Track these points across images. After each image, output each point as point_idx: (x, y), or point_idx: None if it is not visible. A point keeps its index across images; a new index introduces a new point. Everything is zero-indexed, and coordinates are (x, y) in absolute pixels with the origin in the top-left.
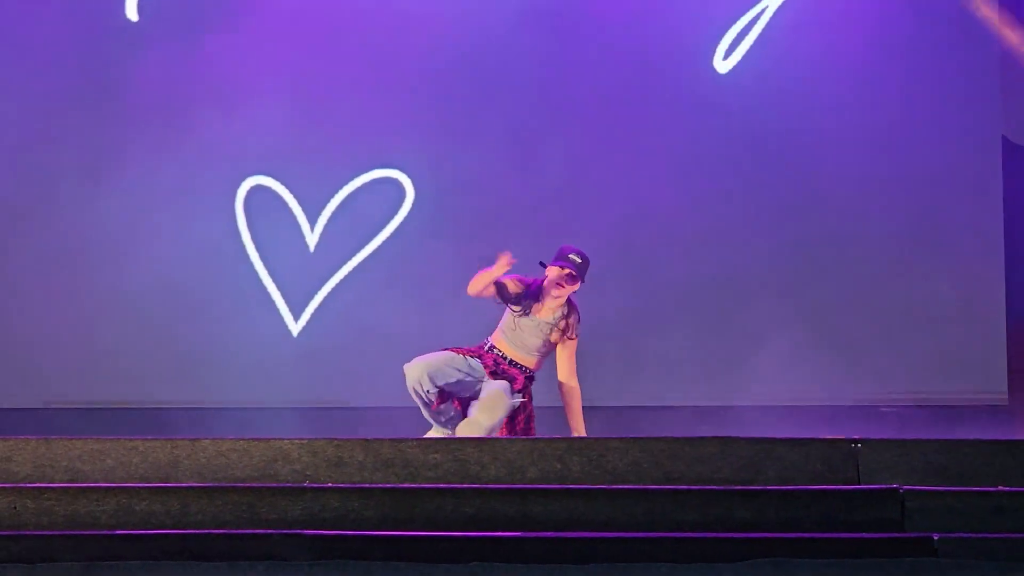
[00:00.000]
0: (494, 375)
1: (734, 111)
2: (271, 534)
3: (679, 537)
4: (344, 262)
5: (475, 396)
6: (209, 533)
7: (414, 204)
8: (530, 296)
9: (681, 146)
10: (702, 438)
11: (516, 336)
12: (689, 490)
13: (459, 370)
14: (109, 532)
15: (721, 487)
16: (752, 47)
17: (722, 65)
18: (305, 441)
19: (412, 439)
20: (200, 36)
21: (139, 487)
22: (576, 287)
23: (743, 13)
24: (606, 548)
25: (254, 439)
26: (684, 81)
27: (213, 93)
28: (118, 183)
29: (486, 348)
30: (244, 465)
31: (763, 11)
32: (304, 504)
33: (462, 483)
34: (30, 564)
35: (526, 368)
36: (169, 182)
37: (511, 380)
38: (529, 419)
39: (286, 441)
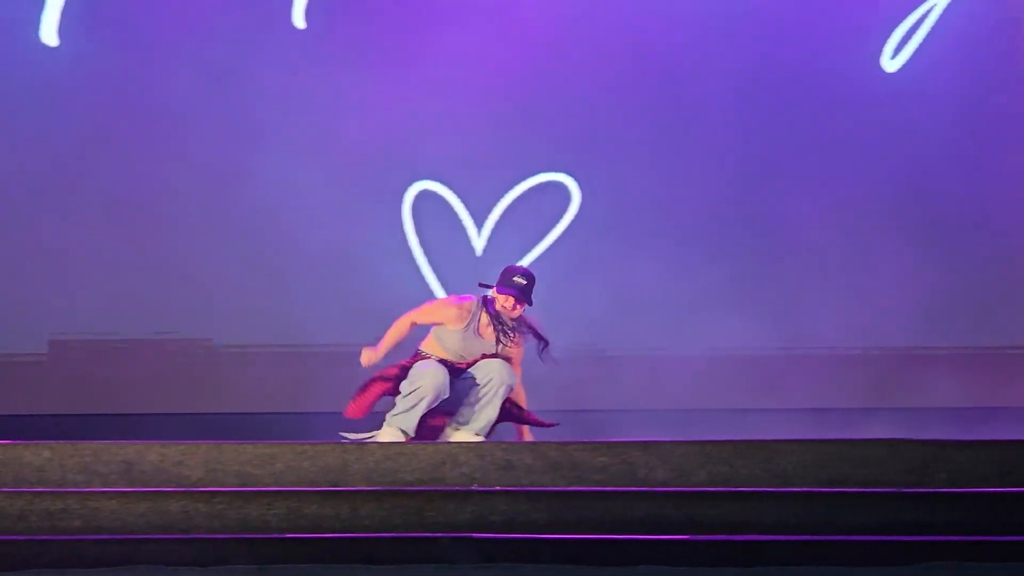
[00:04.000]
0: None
1: (903, 109)
2: (439, 537)
3: (848, 540)
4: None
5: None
6: (378, 537)
7: (580, 207)
8: (476, 316)
9: (850, 144)
10: (869, 440)
11: (454, 346)
12: (858, 492)
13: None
14: (279, 536)
15: (890, 489)
16: (920, 46)
17: (890, 64)
18: (473, 444)
19: (579, 442)
20: (364, 41)
21: (309, 491)
22: (522, 309)
23: (910, 11)
24: (774, 551)
25: (422, 442)
26: (852, 80)
27: (379, 98)
28: (283, 187)
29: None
30: (412, 468)
31: (931, 9)
32: (472, 507)
33: (629, 486)
34: (202, 567)
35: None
36: (337, 187)
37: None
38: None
39: (454, 445)
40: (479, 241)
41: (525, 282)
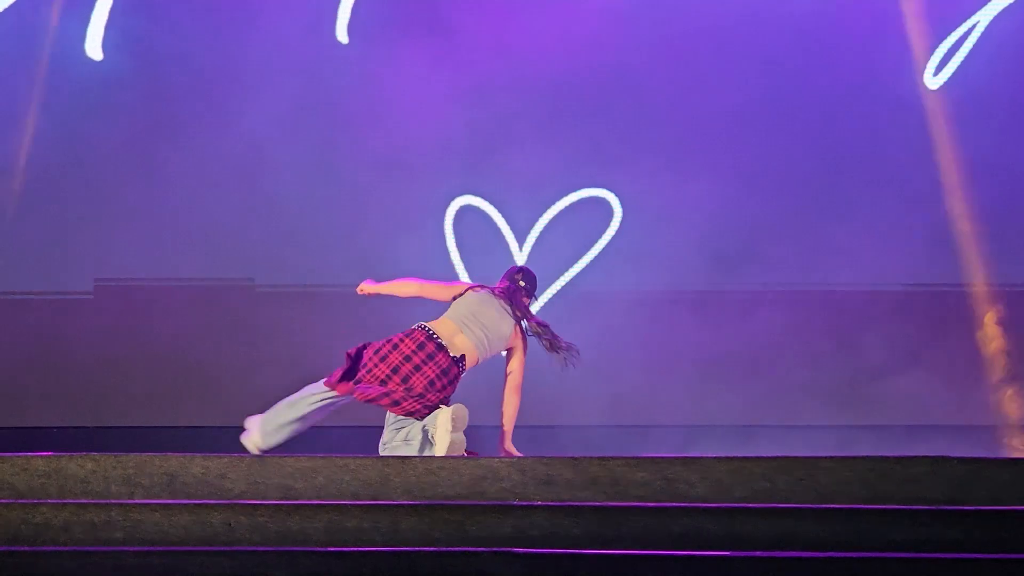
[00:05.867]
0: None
1: (945, 126)
2: (480, 552)
3: (889, 557)
4: (552, 281)
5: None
6: (419, 551)
7: (622, 223)
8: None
9: (892, 161)
10: (912, 457)
11: (467, 322)
12: (898, 510)
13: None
14: (321, 549)
15: (931, 507)
16: (963, 62)
17: (932, 81)
18: (514, 459)
19: (620, 457)
20: (407, 58)
21: (350, 504)
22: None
23: (954, 28)
24: (814, 568)
25: (463, 457)
26: (895, 96)
27: (422, 114)
28: (327, 205)
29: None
30: (453, 483)
31: (975, 26)
32: (513, 522)
33: (670, 501)
34: None
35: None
36: (379, 201)
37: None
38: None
39: (495, 459)
40: (521, 256)
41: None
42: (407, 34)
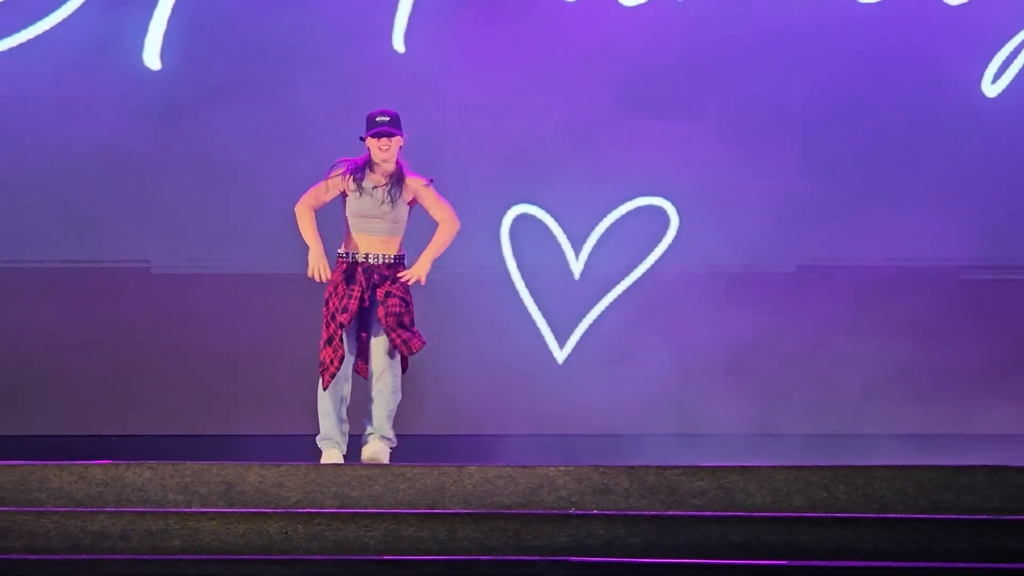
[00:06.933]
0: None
1: (1003, 134)
2: (537, 560)
3: (948, 568)
4: (609, 290)
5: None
6: (476, 559)
7: (679, 232)
8: (358, 171)
9: (950, 170)
10: (970, 467)
11: (365, 224)
12: (958, 519)
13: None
14: (377, 558)
15: (991, 516)
16: (1021, 71)
17: (990, 89)
18: (570, 468)
19: (677, 466)
20: (462, 67)
21: (407, 513)
22: (397, 143)
23: (1012, 36)
24: None
25: (520, 466)
26: (952, 104)
27: (482, 122)
28: None
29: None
30: (510, 492)
31: None
32: (570, 531)
33: (727, 511)
34: None
35: (387, 257)
36: None
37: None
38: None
39: (551, 468)
40: (577, 265)
41: (388, 118)
42: (463, 43)
